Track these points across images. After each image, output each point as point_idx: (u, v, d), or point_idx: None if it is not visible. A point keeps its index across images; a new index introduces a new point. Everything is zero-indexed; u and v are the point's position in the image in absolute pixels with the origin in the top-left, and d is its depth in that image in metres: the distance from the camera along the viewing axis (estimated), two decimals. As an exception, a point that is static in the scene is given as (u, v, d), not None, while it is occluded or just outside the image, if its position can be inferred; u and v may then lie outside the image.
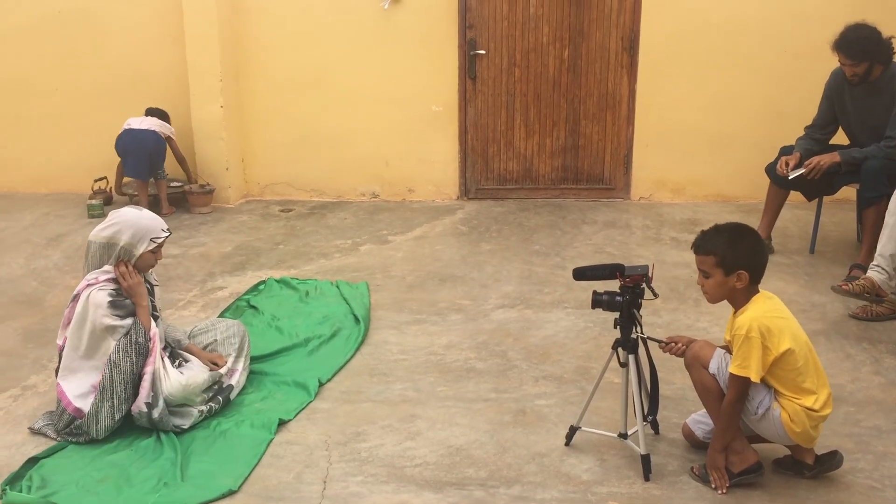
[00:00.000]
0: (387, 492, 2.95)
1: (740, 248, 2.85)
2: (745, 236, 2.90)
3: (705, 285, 2.93)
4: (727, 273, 2.85)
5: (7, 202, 7.15)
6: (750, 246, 2.87)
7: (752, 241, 2.89)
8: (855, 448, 3.18)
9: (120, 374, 3.28)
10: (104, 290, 3.36)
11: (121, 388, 3.28)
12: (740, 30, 6.47)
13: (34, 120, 7.32)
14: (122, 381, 3.28)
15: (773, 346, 2.74)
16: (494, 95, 6.79)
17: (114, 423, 3.29)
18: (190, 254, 5.73)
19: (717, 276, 2.87)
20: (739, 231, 2.91)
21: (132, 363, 3.29)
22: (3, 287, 5.13)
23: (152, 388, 3.31)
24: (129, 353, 3.29)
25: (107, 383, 3.28)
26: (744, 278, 2.84)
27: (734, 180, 6.71)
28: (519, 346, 4.15)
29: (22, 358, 4.10)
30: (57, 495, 2.90)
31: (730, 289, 2.87)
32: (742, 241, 2.88)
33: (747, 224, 3.00)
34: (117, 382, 3.28)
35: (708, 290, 2.93)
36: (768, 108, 6.53)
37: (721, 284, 2.87)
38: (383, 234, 6.12)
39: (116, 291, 3.40)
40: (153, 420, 3.29)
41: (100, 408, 3.27)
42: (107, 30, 7.02)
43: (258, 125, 7.07)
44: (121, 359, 3.29)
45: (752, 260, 2.85)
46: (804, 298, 4.73)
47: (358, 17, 6.74)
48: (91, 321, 3.33)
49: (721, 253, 2.85)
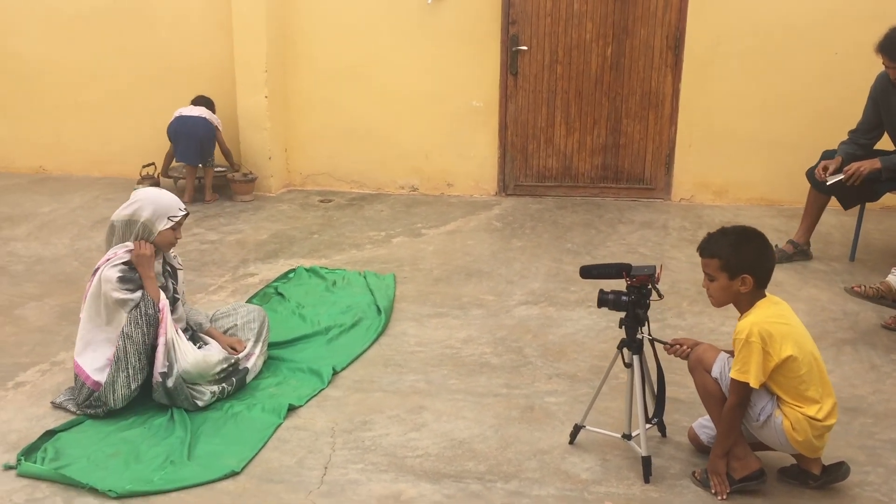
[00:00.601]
0: (385, 480, 2.99)
1: (745, 252, 2.80)
2: (750, 240, 2.85)
3: (710, 288, 2.90)
4: (731, 277, 2.80)
5: (61, 184, 7.40)
6: (755, 250, 2.82)
7: (758, 245, 2.84)
8: (867, 461, 3.11)
9: (133, 346, 3.39)
10: (115, 266, 3.47)
11: (135, 359, 3.39)
12: (788, 30, 6.32)
13: (90, 106, 7.56)
14: (136, 351, 3.39)
15: (774, 352, 2.69)
16: (535, 92, 6.76)
17: (130, 392, 3.39)
18: (227, 240, 5.85)
19: (722, 280, 2.83)
20: (745, 234, 2.86)
21: (143, 334, 3.40)
22: (47, 266, 5.31)
23: (166, 357, 3.41)
24: (139, 324, 3.40)
25: (121, 354, 3.40)
26: (748, 282, 2.79)
27: (779, 183, 6.56)
28: (536, 343, 4.15)
29: (55, 334, 4.25)
30: (68, 468, 3.01)
31: (734, 293, 2.83)
32: (747, 244, 2.83)
33: (755, 228, 2.94)
34: (131, 353, 3.39)
35: (712, 293, 2.89)
36: (816, 111, 6.37)
37: (725, 288, 2.83)
38: (417, 227, 6.16)
39: (128, 267, 3.50)
40: (168, 389, 3.40)
41: (115, 378, 3.38)
42: (159, 20, 7.21)
43: (302, 116, 7.17)
44: (132, 330, 3.40)
45: (757, 264, 2.80)
46: (837, 307, 4.61)
47: (402, 12, 6.78)
48: (104, 295, 3.45)
49: (725, 256, 2.81)
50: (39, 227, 6.15)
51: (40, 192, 7.15)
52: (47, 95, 7.62)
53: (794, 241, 5.37)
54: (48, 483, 2.95)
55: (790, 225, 5.85)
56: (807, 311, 4.56)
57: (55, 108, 7.63)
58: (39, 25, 7.48)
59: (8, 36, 7.57)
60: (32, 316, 4.51)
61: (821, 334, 4.25)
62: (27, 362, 3.93)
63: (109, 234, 3.61)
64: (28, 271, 5.22)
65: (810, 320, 4.43)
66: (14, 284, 4.99)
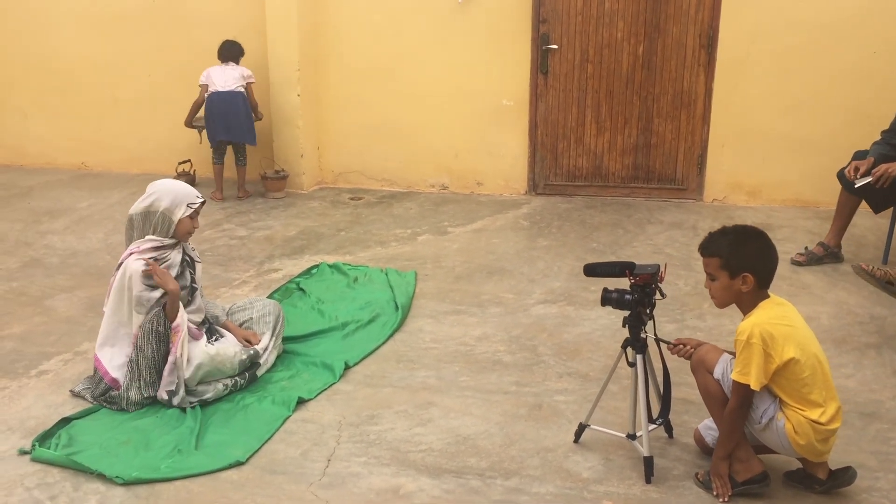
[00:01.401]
0: (386, 474, 3.01)
1: (745, 251, 2.76)
2: (751, 238, 2.81)
3: (711, 288, 2.86)
4: (732, 276, 2.77)
5: (100, 181, 7.58)
6: (756, 248, 2.78)
7: (759, 244, 2.79)
8: (878, 466, 3.04)
9: (144, 359, 3.46)
10: (140, 260, 3.54)
11: (146, 373, 3.46)
12: (824, 28, 6.19)
13: (129, 104, 7.74)
14: (147, 366, 3.46)
15: (775, 354, 2.65)
16: (566, 91, 6.73)
17: (143, 399, 3.48)
18: (255, 236, 5.94)
19: (723, 279, 2.79)
20: (746, 233, 2.82)
21: (153, 350, 3.46)
22: (80, 259, 5.45)
23: (171, 375, 3.45)
24: (149, 340, 3.46)
25: (134, 365, 3.47)
26: (749, 282, 2.75)
27: (813, 185, 6.43)
28: (551, 342, 4.14)
29: (80, 325, 4.37)
30: (80, 454, 3.09)
31: (736, 292, 2.79)
32: (748, 243, 2.79)
33: (757, 227, 2.91)
34: (143, 367, 3.46)
35: (714, 293, 2.86)
36: (852, 111, 6.23)
37: (726, 287, 2.79)
38: (444, 225, 6.18)
39: (155, 260, 3.57)
40: (173, 406, 3.46)
41: (130, 387, 3.47)
42: (194, 20, 7.35)
43: (334, 114, 7.25)
44: (144, 344, 3.46)
45: (758, 263, 2.76)
46: (864, 310, 4.51)
47: (433, 10, 6.81)
48: (128, 288, 3.52)
49: (725, 255, 2.77)
50: (77, 221, 6.31)
51: (80, 187, 7.34)
52: (87, 93, 7.83)
53: (824, 244, 5.26)
54: (60, 468, 3.04)
55: (824, 227, 5.72)
56: (833, 314, 4.47)
57: (95, 105, 7.83)
58: (79, 25, 7.68)
59: (49, 36, 7.79)
60: (62, 307, 4.64)
61: (845, 338, 4.17)
62: (52, 351, 4.05)
63: (129, 229, 3.68)
64: (62, 264, 5.37)
65: (836, 323, 4.35)
66: (48, 276, 5.14)
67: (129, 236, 3.67)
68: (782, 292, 4.64)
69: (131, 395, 3.46)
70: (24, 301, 4.72)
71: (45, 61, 7.86)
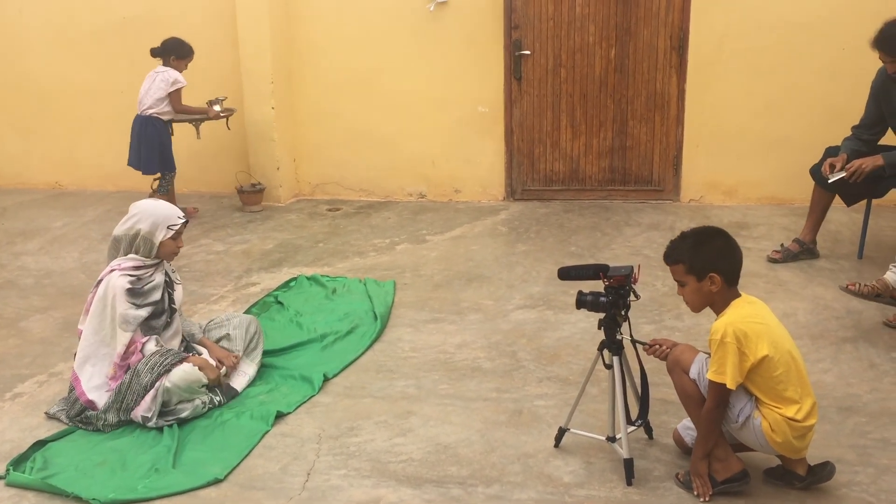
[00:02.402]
0: (366, 486, 2.99)
1: (706, 251, 2.80)
2: (711, 239, 2.85)
3: (684, 295, 2.89)
4: (699, 278, 2.80)
5: (75, 199, 7.52)
6: (716, 248, 2.81)
7: (719, 243, 2.83)
8: (857, 460, 3.05)
9: (137, 384, 3.42)
10: (125, 276, 3.51)
11: (130, 399, 3.43)
12: (793, 27, 6.24)
13: (103, 121, 7.67)
14: (135, 392, 3.43)
15: (750, 352, 2.66)
16: (540, 96, 6.74)
17: (119, 421, 3.44)
18: (232, 251, 5.90)
19: (691, 283, 2.82)
20: (705, 234, 2.87)
21: (151, 380, 3.42)
22: (55, 279, 5.40)
23: (153, 401, 3.41)
24: (153, 371, 3.43)
25: (123, 388, 3.43)
26: (717, 281, 2.77)
27: (788, 182, 6.46)
28: (531, 347, 4.13)
29: (55, 346, 4.32)
30: (55, 477, 3.05)
31: (706, 294, 2.81)
32: (707, 243, 2.82)
33: (716, 226, 2.96)
34: (130, 392, 3.42)
35: (686, 299, 2.88)
36: (824, 109, 6.28)
37: (696, 291, 2.82)
38: (422, 233, 6.17)
39: (137, 279, 3.54)
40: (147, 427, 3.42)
41: (109, 409, 3.43)
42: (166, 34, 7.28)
43: (309, 126, 7.23)
44: (144, 371, 3.43)
45: (721, 262, 2.78)
46: (841, 305, 4.54)
47: (405, 20, 6.81)
48: (111, 306, 3.48)
49: (688, 259, 2.81)
50: (51, 241, 6.25)
51: (55, 206, 7.27)
52: (61, 112, 7.76)
53: (799, 240, 5.29)
54: (35, 492, 3.00)
55: (799, 224, 5.75)
56: (810, 309, 4.50)
57: (69, 124, 7.77)
58: (52, 44, 7.62)
59: (22, 55, 7.72)
60: (36, 328, 4.59)
61: (822, 333, 4.20)
62: (26, 374, 4.00)
63: (113, 249, 3.65)
64: (36, 284, 5.31)
65: (813, 319, 4.37)
66: (22, 297, 5.08)
67: (113, 256, 3.64)
68: (759, 289, 4.72)
69: (109, 417, 3.42)
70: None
71: (18, 80, 7.79)
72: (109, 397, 3.44)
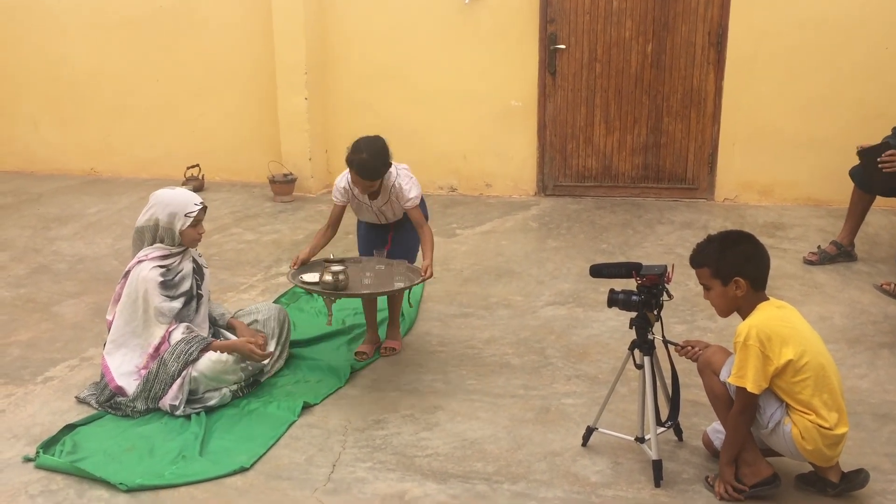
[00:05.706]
0: (391, 479, 2.98)
1: (731, 256, 2.75)
2: (737, 243, 2.80)
3: (710, 299, 2.84)
4: (725, 282, 2.76)
5: (109, 186, 7.59)
6: (742, 252, 2.76)
7: (745, 248, 2.78)
8: (892, 469, 2.98)
9: (165, 374, 3.44)
10: (155, 269, 3.52)
11: (158, 388, 3.45)
12: (836, 25, 6.12)
13: (138, 109, 7.74)
14: (162, 381, 3.44)
15: (773, 356, 2.60)
16: (574, 91, 6.68)
17: (148, 409, 3.46)
18: (263, 240, 5.92)
19: (717, 287, 2.78)
20: (731, 238, 2.82)
21: (177, 369, 3.44)
22: (88, 265, 5.45)
23: (180, 390, 3.43)
24: (179, 359, 3.44)
25: (151, 377, 3.45)
26: (742, 285, 2.72)
27: (825, 183, 6.34)
28: (559, 344, 4.09)
29: (87, 331, 4.36)
30: (84, 461, 3.07)
31: (732, 298, 2.77)
32: (733, 247, 2.78)
33: (743, 230, 2.91)
34: (158, 381, 3.44)
35: (713, 303, 2.84)
36: (865, 109, 6.15)
37: (722, 295, 2.78)
38: (452, 227, 6.14)
39: (168, 269, 3.56)
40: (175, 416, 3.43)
41: (138, 397, 3.45)
42: (202, 25, 7.35)
43: (341, 117, 7.23)
44: (171, 361, 3.44)
45: (747, 266, 2.74)
46: (878, 309, 4.44)
47: (440, 13, 6.78)
48: (143, 298, 3.50)
49: (713, 263, 2.76)
50: (85, 227, 6.32)
51: (90, 193, 7.35)
52: (97, 99, 7.84)
53: (836, 242, 5.19)
54: (64, 475, 3.02)
55: (836, 225, 5.65)
56: (846, 313, 4.41)
57: (104, 111, 7.85)
58: (88, 32, 7.70)
59: (59, 43, 7.80)
60: (68, 313, 4.63)
61: (858, 337, 4.11)
62: (58, 358, 4.04)
63: (138, 240, 3.66)
64: (70, 269, 5.37)
65: (849, 323, 4.29)
66: (55, 282, 5.14)
67: (138, 247, 3.65)
68: (795, 291, 4.64)
69: (137, 404, 3.45)
70: (32, 307, 4.71)
71: (55, 68, 7.88)
72: (138, 386, 3.46)
